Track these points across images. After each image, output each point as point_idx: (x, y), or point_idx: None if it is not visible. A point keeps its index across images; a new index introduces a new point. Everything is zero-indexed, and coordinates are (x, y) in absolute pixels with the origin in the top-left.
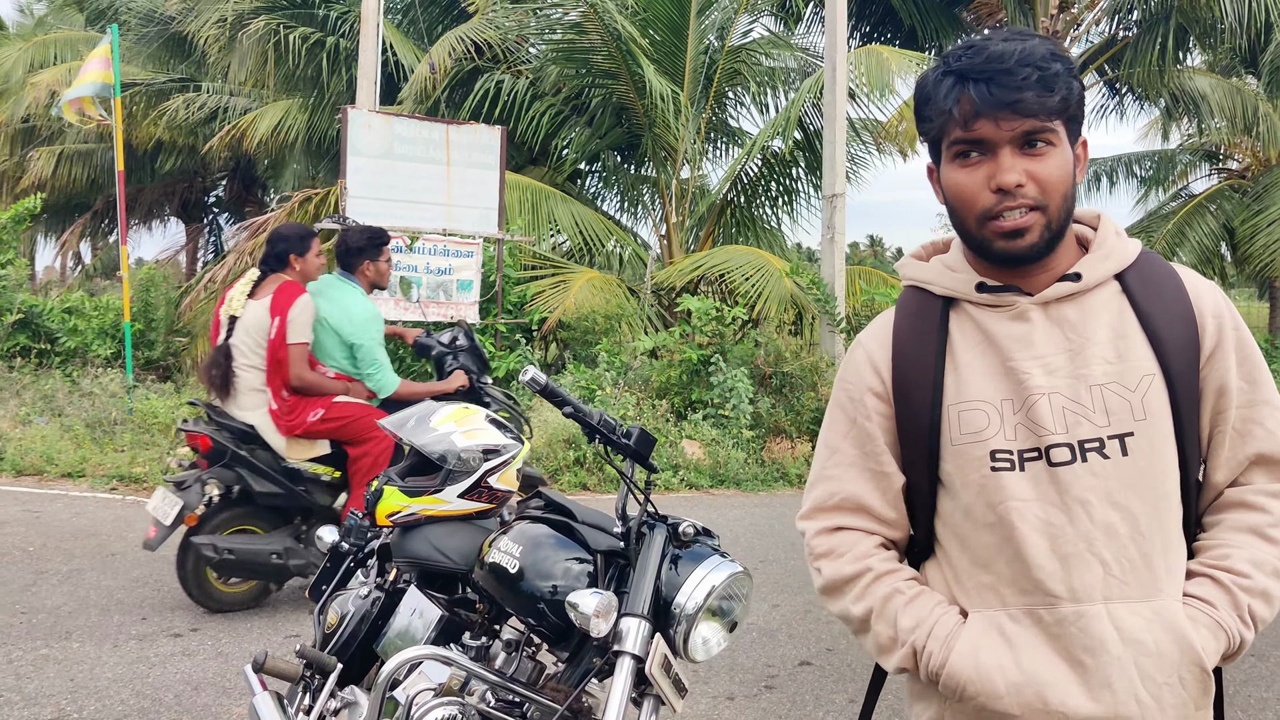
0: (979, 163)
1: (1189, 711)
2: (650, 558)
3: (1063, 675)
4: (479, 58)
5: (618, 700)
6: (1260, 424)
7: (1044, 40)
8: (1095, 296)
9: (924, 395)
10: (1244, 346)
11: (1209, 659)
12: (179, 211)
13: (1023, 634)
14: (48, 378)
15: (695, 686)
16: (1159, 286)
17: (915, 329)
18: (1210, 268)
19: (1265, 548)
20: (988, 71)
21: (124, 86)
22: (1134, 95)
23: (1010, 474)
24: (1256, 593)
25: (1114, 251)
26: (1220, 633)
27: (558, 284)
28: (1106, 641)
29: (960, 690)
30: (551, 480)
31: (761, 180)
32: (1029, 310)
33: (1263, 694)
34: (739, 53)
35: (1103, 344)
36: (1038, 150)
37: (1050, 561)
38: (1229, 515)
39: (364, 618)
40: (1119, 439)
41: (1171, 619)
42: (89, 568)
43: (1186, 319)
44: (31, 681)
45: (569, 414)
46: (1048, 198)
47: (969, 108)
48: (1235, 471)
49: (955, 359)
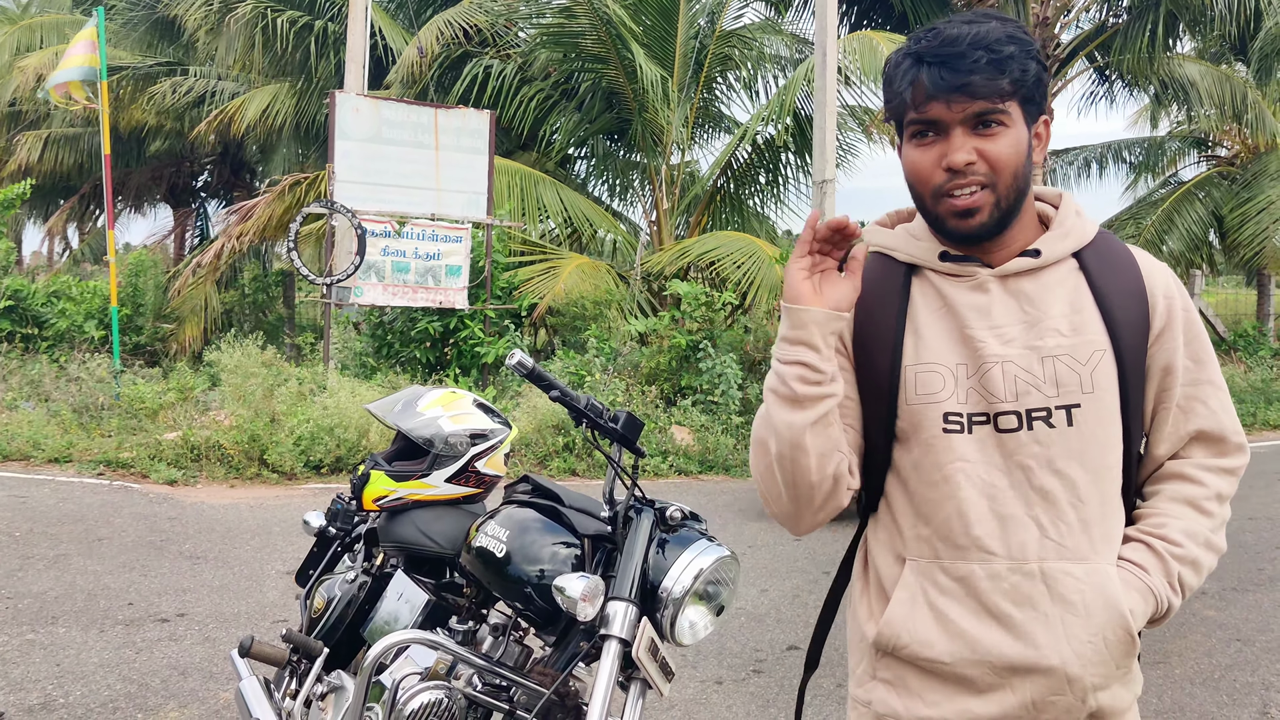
0: (933, 142)
1: (1111, 670)
2: (637, 542)
3: (991, 627)
4: (468, 42)
5: (604, 684)
6: (1203, 402)
7: (1004, 22)
8: (1053, 272)
9: (885, 355)
10: (1192, 327)
11: (1136, 622)
12: (167, 196)
13: (955, 588)
14: (34, 363)
15: (683, 671)
16: (1114, 266)
17: (879, 292)
18: (1199, 255)
19: (1199, 519)
20: (941, 55)
21: (111, 70)
22: (1124, 82)
23: (959, 436)
24: (1187, 561)
25: (1073, 230)
26: (1150, 597)
27: (547, 270)
28: (1036, 598)
29: (894, 641)
30: (540, 466)
31: (752, 166)
32: (988, 282)
33: (1248, 679)
34: (730, 38)
35: (1058, 318)
36: (990, 130)
37: (989, 520)
38: (1168, 486)
39: (351, 602)
40: (1066, 409)
41: (1102, 582)
42: (75, 553)
43: (1139, 298)
44: (18, 667)
45: (556, 398)
46: (997, 176)
47: (922, 90)
48: (1176, 446)
49: (915, 323)
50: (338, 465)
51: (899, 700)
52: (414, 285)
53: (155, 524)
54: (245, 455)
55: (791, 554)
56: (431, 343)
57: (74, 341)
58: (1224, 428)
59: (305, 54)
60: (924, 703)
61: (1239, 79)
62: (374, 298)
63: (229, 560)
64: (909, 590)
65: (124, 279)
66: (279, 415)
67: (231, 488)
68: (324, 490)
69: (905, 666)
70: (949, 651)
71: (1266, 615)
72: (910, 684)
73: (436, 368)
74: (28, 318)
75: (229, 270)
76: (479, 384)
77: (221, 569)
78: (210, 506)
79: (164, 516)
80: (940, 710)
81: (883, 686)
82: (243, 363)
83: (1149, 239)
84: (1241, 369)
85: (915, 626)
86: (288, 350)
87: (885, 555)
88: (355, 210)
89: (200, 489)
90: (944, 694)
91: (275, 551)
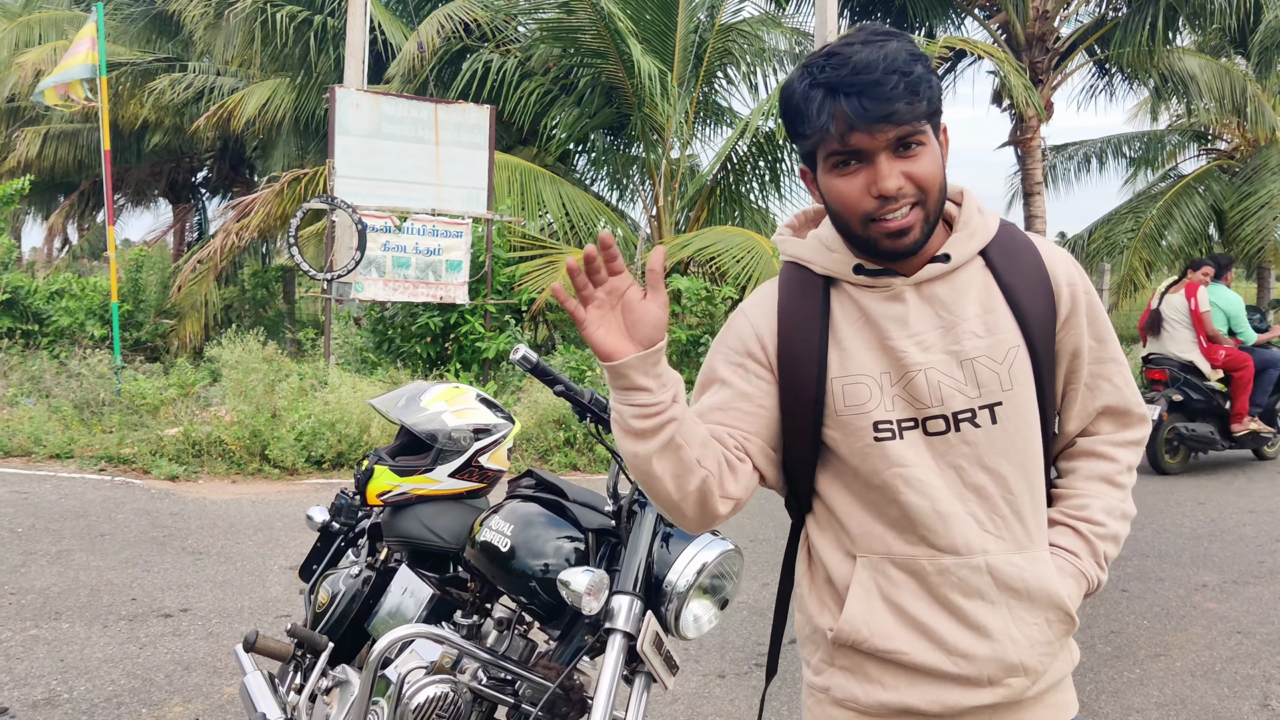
0: (857, 170)
1: (1054, 649)
2: (641, 535)
3: (944, 618)
4: (467, 36)
5: (609, 678)
6: (1108, 379)
7: (900, 38)
8: (963, 274)
9: (810, 369)
10: (1094, 309)
11: (1073, 604)
12: (166, 192)
13: (908, 581)
14: (35, 359)
15: (686, 664)
16: (1018, 258)
17: (800, 306)
18: (1198, 249)
19: (1115, 493)
20: (857, 84)
21: (110, 66)
22: (1123, 75)
23: (892, 442)
24: (1110, 538)
25: (978, 230)
26: (1082, 579)
27: (547, 264)
28: (983, 589)
29: (855, 636)
30: (541, 461)
31: (752, 161)
32: (903, 291)
33: (1249, 671)
34: (729, 32)
35: (972, 319)
36: (911, 152)
37: (932, 519)
38: (1083, 464)
39: (355, 597)
40: (989, 409)
41: (1041, 570)
42: (78, 548)
43: (1044, 287)
44: (21, 662)
45: (560, 392)
46: (926, 194)
47: (844, 123)
48: (1086, 421)
49: (838, 335)
50: (339, 461)
51: (858, 686)
52: (414, 280)
53: (157, 520)
54: (247, 451)
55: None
56: (432, 338)
57: (75, 338)
58: (1128, 401)
59: (305, 49)
60: (883, 688)
61: (1239, 72)
62: (374, 293)
63: (232, 556)
64: (864, 586)
65: (124, 275)
66: (280, 411)
67: (233, 483)
68: (326, 486)
69: (864, 656)
70: (908, 642)
71: (1267, 608)
72: (869, 671)
73: (437, 363)
74: (28, 314)
75: (229, 266)
76: (480, 379)
77: (224, 564)
78: (212, 502)
79: (166, 512)
80: (899, 695)
81: (841, 674)
82: (243, 358)
83: (1148, 233)
84: None
85: (873, 620)
86: (288, 346)
87: (833, 553)
88: (355, 206)
89: (202, 485)
90: (903, 680)
91: (278, 547)
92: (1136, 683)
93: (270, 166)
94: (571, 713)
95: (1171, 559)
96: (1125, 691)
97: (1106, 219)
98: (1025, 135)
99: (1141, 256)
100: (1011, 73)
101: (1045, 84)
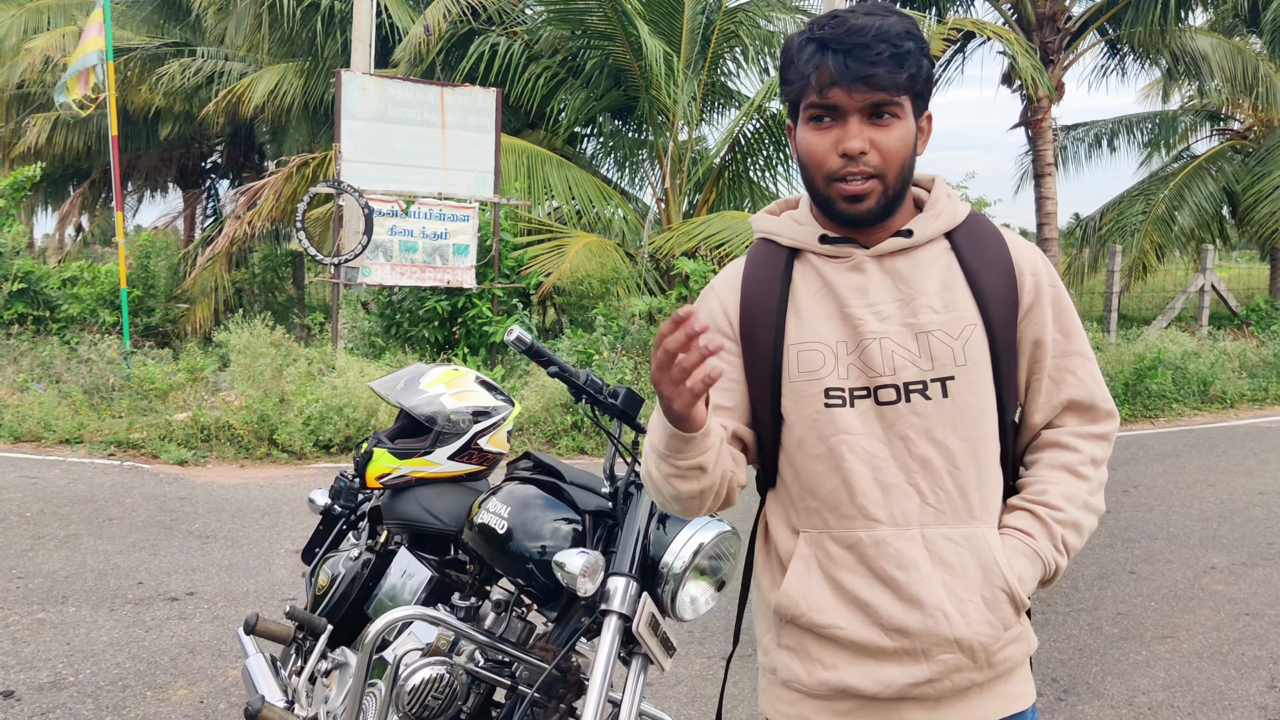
0: (830, 127)
1: (998, 630)
2: (637, 517)
3: (880, 591)
4: (474, 19)
5: (605, 658)
6: (1073, 373)
7: (902, 18)
8: (925, 252)
9: (767, 336)
10: (1060, 302)
11: (1025, 585)
12: (176, 178)
13: (845, 555)
14: (45, 345)
15: (690, 647)
16: (984, 246)
17: (763, 275)
18: (1209, 231)
19: (1077, 483)
20: (846, 43)
21: (119, 52)
22: (1135, 55)
23: (842, 410)
24: (1069, 524)
25: (944, 212)
26: (1037, 560)
27: (554, 248)
28: (918, 562)
29: (793, 610)
30: (549, 444)
31: (759, 142)
32: (864, 262)
33: (1256, 652)
34: (736, 14)
35: (931, 294)
36: (884, 121)
37: (873, 489)
38: (1046, 454)
39: (354, 579)
40: (940, 382)
41: (981, 546)
42: (86, 533)
43: (1007, 275)
44: (28, 645)
45: (554, 373)
46: (887, 167)
47: (826, 76)
48: (1050, 415)
49: (797, 304)
50: (347, 445)
51: (801, 666)
52: (422, 265)
53: (165, 504)
54: (255, 435)
55: None
56: (440, 322)
57: (86, 324)
58: (1094, 396)
59: (312, 33)
60: (823, 666)
61: (1251, 52)
62: (382, 277)
63: (238, 539)
64: (804, 560)
65: (134, 261)
66: (288, 395)
67: (241, 468)
68: (333, 470)
69: (805, 634)
70: (844, 617)
71: (1276, 589)
72: (810, 650)
73: (445, 347)
74: (40, 300)
75: (240, 252)
76: (488, 363)
77: (231, 548)
78: (220, 486)
79: (174, 496)
80: (840, 674)
81: (786, 654)
82: (252, 343)
83: (1159, 215)
84: (1254, 344)
85: (811, 594)
86: (297, 330)
87: (781, 528)
88: (362, 190)
89: (210, 469)
90: (843, 658)
91: (284, 530)
92: (1143, 664)
93: (281, 151)
94: (568, 694)
95: (1180, 541)
96: (1132, 673)
97: (1117, 201)
98: (1036, 116)
99: (1152, 239)
100: (1021, 53)
101: (1056, 64)
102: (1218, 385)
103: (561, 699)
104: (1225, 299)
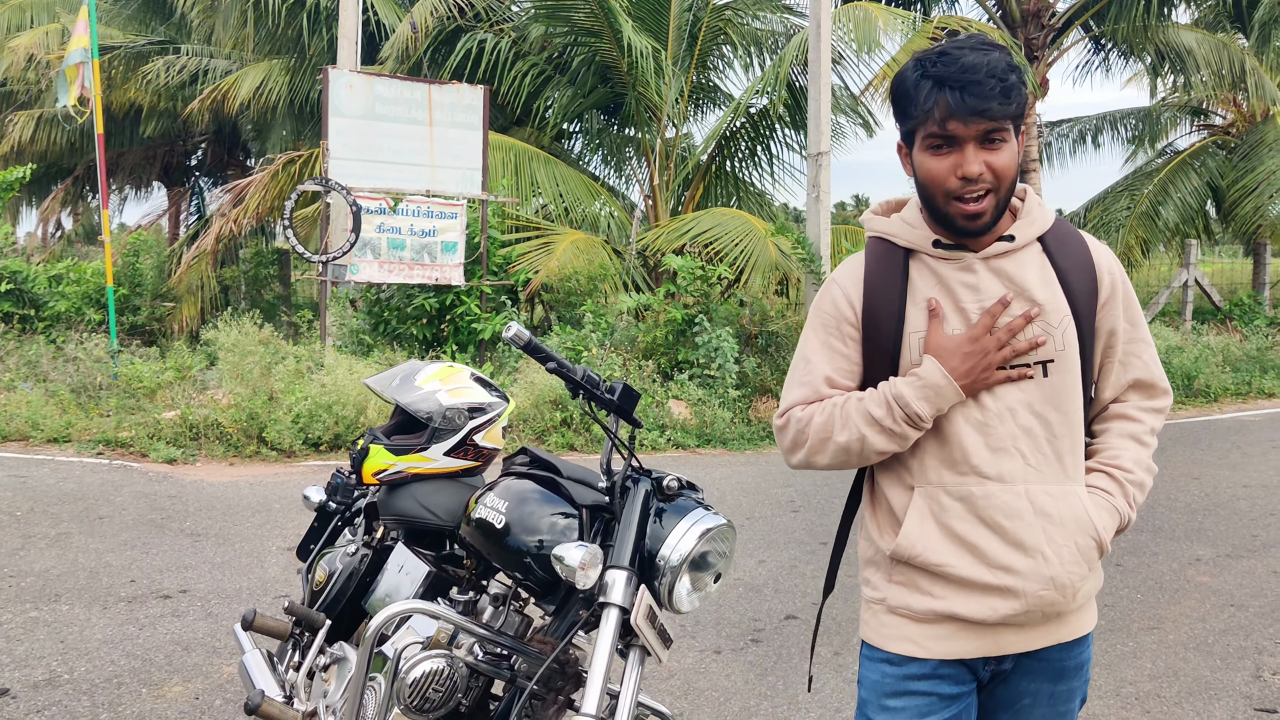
0: (948, 153)
1: (1084, 569)
2: (634, 510)
3: (987, 535)
4: (461, 16)
5: (603, 651)
6: (1138, 356)
7: (1004, 52)
8: (1024, 254)
9: (890, 324)
10: (1128, 296)
11: (1104, 533)
12: (161, 176)
13: (957, 506)
14: (32, 343)
15: (683, 640)
16: (1070, 247)
17: (883, 271)
18: (1193, 226)
19: (1142, 450)
20: (961, 81)
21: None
22: (1119, 51)
23: None
24: (1137, 484)
25: (1038, 219)
26: (1115, 513)
27: (542, 245)
28: (1023, 512)
29: (909, 552)
30: (538, 441)
31: (746, 140)
32: (974, 263)
33: (1241, 643)
34: (723, 11)
35: (1033, 290)
36: (995, 145)
37: (983, 452)
38: (1115, 424)
39: (352, 575)
40: (1042, 364)
41: (1074, 501)
42: (77, 531)
43: (1090, 273)
44: (22, 644)
45: (552, 369)
46: (1000, 183)
47: (944, 110)
48: (1118, 392)
49: (915, 297)
50: (336, 442)
51: (911, 596)
52: (410, 262)
53: (155, 502)
54: (244, 433)
55: (789, 526)
56: (428, 319)
57: (72, 323)
58: (1155, 376)
59: (298, 30)
60: (933, 598)
61: (1236, 46)
62: (370, 275)
63: (230, 537)
64: (919, 511)
65: (121, 259)
66: (277, 393)
67: (231, 466)
68: (323, 467)
69: (916, 571)
70: (955, 556)
71: (1260, 581)
72: (920, 584)
73: (433, 344)
74: (26, 299)
75: (225, 250)
76: (476, 360)
77: (222, 546)
78: (210, 484)
79: (164, 495)
80: (947, 604)
81: (897, 588)
82: (240, 341)
83: (1144, 210)
84: (1237, 338)
85: (926, 539)
86: (285, 328)
87: (894, 486)
88: (350, 187)
89: (200, 467)
90: (950, 591)
91: (275, 528)
92: (1130, 655)
93: (266, 149)
94: (567, 686)
95: (1165, 533)
96: (1118, 664)
97: (1102, 197)
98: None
99: (1137, 234)
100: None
101: (1040, 60)
102: (1202, 379)
103: (560, 691)
104: (1209, 293)
